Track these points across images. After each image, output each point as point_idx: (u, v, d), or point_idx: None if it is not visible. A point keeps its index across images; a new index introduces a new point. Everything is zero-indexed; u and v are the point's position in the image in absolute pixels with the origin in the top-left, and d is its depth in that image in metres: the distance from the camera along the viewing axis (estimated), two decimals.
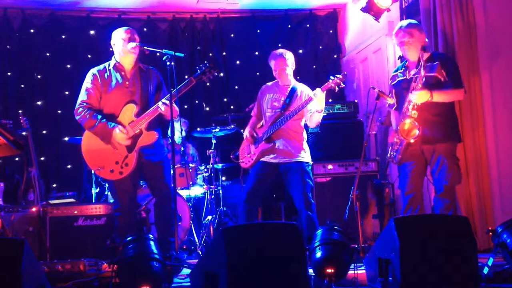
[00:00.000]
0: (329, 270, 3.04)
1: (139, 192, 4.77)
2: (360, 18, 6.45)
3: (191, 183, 5.57)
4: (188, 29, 7.00)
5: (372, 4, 5.05)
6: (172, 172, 4.05)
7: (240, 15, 7.13)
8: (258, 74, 6.82)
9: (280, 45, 6.59)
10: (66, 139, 5.94)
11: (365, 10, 5.11)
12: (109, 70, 4.25)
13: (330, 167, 5.27)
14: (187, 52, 6.76)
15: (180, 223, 5.24)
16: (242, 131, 4.87)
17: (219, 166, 5.78)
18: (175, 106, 3.96)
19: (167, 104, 4.01)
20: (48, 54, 6.56)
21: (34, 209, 4.39)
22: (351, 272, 3.21)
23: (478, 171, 4.53)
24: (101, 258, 3.76)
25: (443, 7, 4.65)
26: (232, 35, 7.11)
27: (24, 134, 5.38)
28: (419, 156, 4.10)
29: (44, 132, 6.45)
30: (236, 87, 7.02)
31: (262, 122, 4.65)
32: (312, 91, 4.29)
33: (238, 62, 7.07)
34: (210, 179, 5.74)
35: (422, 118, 3.93)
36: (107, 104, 4.20)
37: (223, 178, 6.04)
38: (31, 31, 6.53)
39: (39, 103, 6.49)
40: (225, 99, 7.00)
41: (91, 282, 3.31)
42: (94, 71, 4.26)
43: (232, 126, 5.78)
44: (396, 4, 5.33)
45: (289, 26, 7.12)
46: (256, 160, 4.52)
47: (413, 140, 3.93)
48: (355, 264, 3.20)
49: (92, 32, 6.69)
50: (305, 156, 4.44)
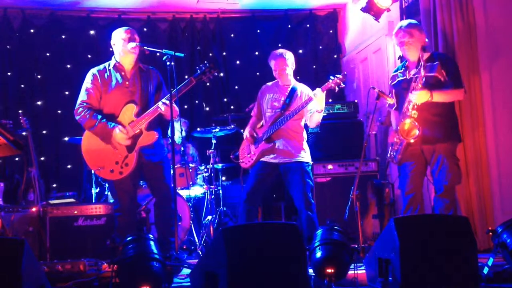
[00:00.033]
0: (329, 270, 3.04)
1: (139, 192, 4.77)
2: (360, 18, 6.45)
3: (191, 183, 5.57)
4: (188, 29, 7.00)
5: (372, 4, 5.05)
6: (172, 172, 4.05)
7: (240, 15, 7.13)
8: (258, 74, 6.82)
9: (280, 45, 6.59)
10: (66, 139, 5.94)
11: (365, 10, 5.11)
12: (109, 70, 4.24)
13: (330, 167, 5.27)
14: (187, 52, 6.75)
15: (180, 223, 5.24)
16: (242, 131, 4.87)
17: (219, 166, 5.78)
18: (175, 106, 3.96)
19: (167, 104, 4.00)
20: (48, 54, 6.56)
21: (34, 209, 4.39)
22: (351, 272, 3.21)
23: (478, 171, 4.53)
24: (101, 258, 3.76)
25: (443, 7, 4.65)
26: (232, 35, 7.11)
27: (24, 134, 5.38)
28: (419, 156, 4.10)
29: (44, 132, 6.45)
30: (236, 87, 7.02)
31: (262, 122, 4.65)
32: (312, 91, 4.29)
33: (238, 62, 7.07)
34: (210, 179, 5.74)
35: (422, 118, 3.93)
36: (107, 104, 4.20)
37: (223, 178, 6.04)
38: (31, 31, 6.53)
39: (39, 103, 6.49)
40: (225, 99, 7.00)
41: (91, 282, 3.31)
42: (94, 71, 4.25)
43: (232, 126, 5.78)
44: (396, 4, 5.33)
45: (289, 26, 7.12)
46: (256, 160, 4.52)
47: (413, 140, 3.93)
48: (355, 264, 3.20)
49: (92, 32, 6.69)
50: (305, 156, 4.44)
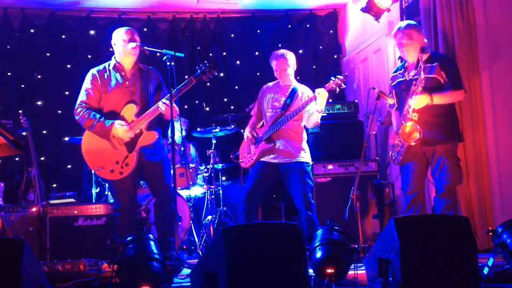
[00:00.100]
0: (329, 270, 3.04)
1: (139, 192, 4.77)
2: (360, 18, 6.45)
3: (191, 183, 5.57)
4: (188, 29, 7.00)
5: (372, 4, 5.05)
6: (172, 172, 4.05)
7: (240, 15, 7.13)
8: (258, 74, 6.82)
9: (280, 45, 6.59)
10: (66, 139, 5.95)
11: (365, 10, 5.12)
12: (109, 70, 4.24)
13: (330, 167, 5.27)
14: (187, 52, 6.75)
15: (180, 223, 5.24)
16: (242, 131, 4.87)
17: (219, 166, 5.77)
18: (175, 106, 3.96)
19: (167, 104, 4.01)
20: (48, 54, 6.56)
21: (34, 209, 4.39)
22: (351, 272, 3.21)
23: (478, 171, 4.53)
24: (101, 258, 3.76)
25: (443, 7, 4.65)
26: (232, 35, 7.11)
27: (24, 134, 5.38)
28: (421, 156, 4.10)
29: (44, 132, 6.45)
30: (236, 87, 7.02)
31: (262, 122, 4.65)
32: (312, 91, 4.28)
33: (238, 62, 7.07)
34: (210, 179, 5.74)
35: (423, 120, 3.92)
36: (107, 104, 4.19)
37: (223, 178, 6.04)
38: (31, 31, 6.53)
39: (39, 103, 6.49)
40: (225, 99, 7.00)
41: (91, 282, 3.31)
42: (93, 71, 4.25)
43: (232, 126, 5.77)
44: (396, 4, 5.33)
45: (289, 26, 7.12)
46: (256, 160, 4.52)
47: (413, 143, 3.93)
48: (355, 264, 3.20)
49: (92, 32, 6.69)
50: (305, 156, 4.44)
